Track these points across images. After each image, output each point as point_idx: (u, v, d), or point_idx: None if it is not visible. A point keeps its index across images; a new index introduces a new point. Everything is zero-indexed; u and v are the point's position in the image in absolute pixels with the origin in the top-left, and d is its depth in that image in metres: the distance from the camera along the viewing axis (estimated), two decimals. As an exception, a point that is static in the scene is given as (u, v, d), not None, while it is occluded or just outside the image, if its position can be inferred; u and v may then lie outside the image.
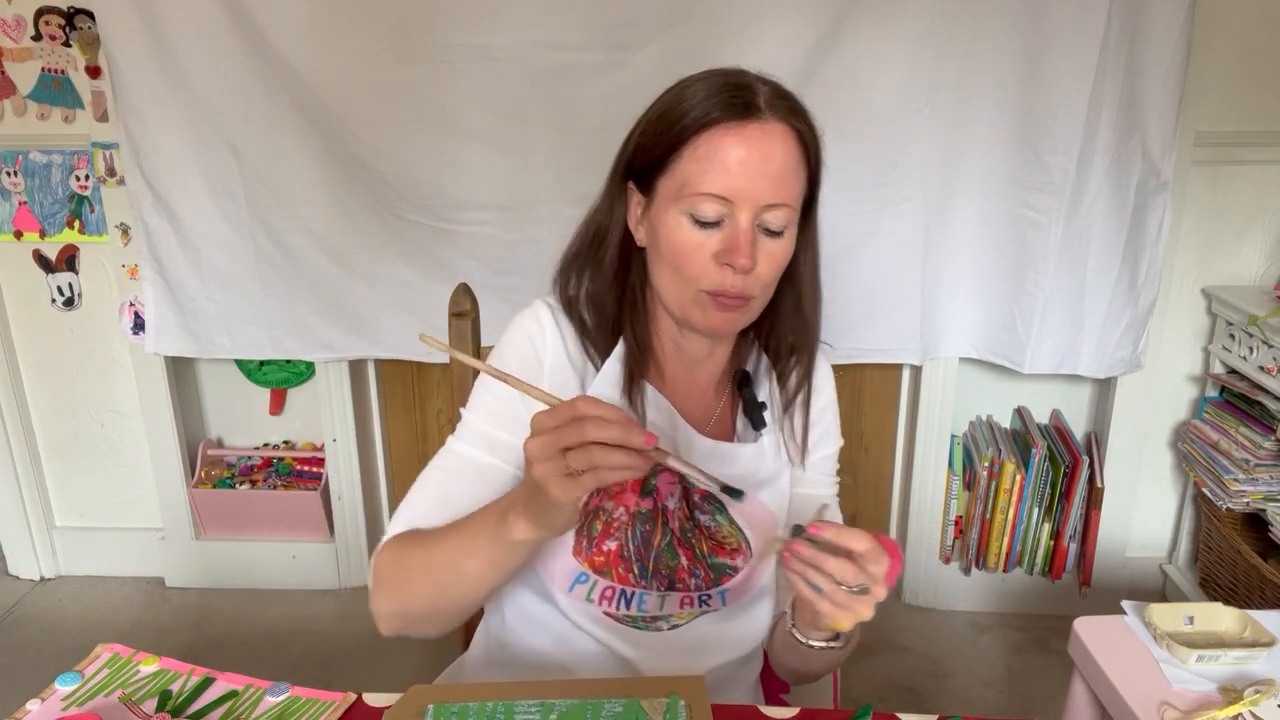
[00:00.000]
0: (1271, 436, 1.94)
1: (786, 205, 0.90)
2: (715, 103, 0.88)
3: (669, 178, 0.91)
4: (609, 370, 0.98)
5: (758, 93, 0.89)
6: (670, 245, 0.91)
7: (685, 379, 1.03)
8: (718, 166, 0.87)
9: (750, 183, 0.87)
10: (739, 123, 0.87)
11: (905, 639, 2.25)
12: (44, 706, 0.89)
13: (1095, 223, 1.97)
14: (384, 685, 0.96)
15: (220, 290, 2.14)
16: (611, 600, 0.97)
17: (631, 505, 0.97)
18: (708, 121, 0.88)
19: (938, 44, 1.88)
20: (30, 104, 2.14)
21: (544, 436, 0.73)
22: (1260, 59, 2.01)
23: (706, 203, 0.88)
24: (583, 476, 0.72)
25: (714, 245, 0.90)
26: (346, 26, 1.91)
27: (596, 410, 0.72)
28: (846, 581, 0.78)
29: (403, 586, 0.93)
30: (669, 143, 0.90)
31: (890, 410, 2.39)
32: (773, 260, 0.92)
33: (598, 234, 0.98)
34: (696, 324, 0.94)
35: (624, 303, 0.99)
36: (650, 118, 0.93)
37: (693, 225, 0.90)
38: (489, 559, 0.85)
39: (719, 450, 1.00)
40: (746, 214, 0.88)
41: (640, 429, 0.73)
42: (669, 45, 1.88)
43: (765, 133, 0.88)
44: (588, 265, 0.99)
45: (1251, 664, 1.01)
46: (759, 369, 1.07)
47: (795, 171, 0.91)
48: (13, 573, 2.51)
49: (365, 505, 2.40)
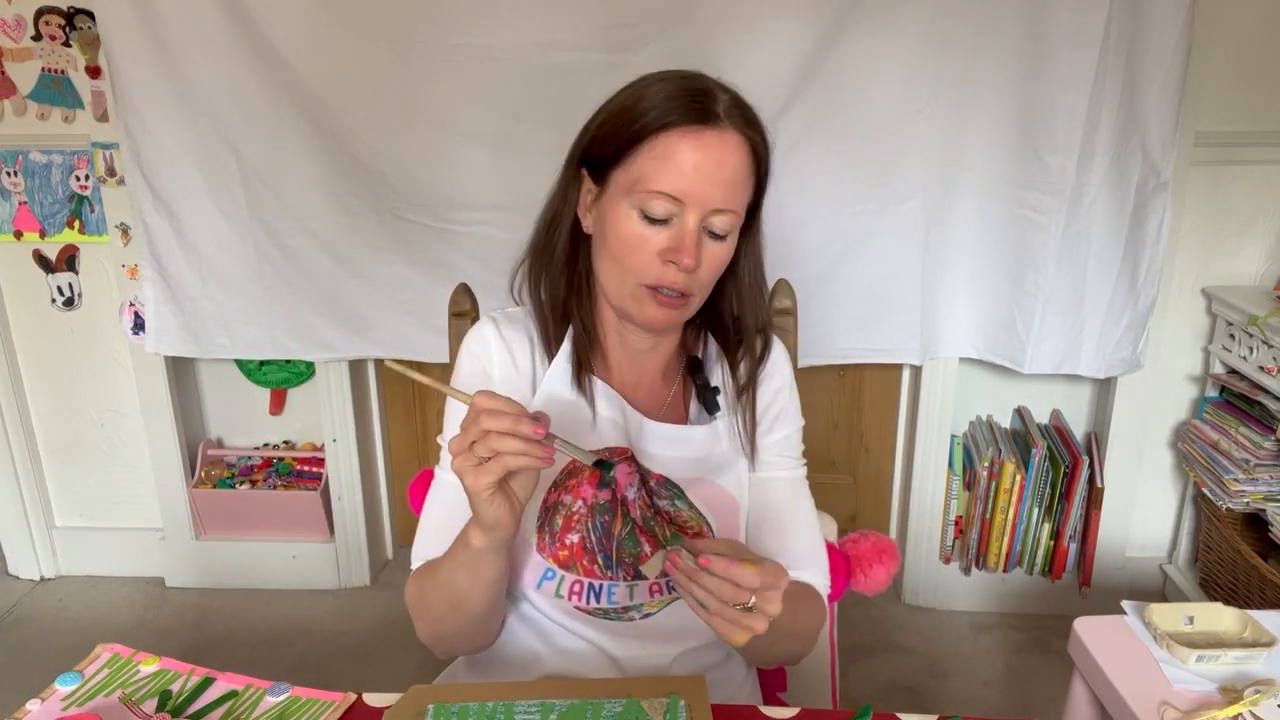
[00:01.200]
0: (1271, 436, 1.93)
1: (732, 211, 0.94)
2: (676, 105, 0.91)
3: (623, 171, 0.93)
4: (557, 367, 1.02)
5: (718, 100, 0.92)
6: (617, 237, 0.94)
7: (632, 368, 1.06)
8: (673, 167, 0.90)
9: (702, 186, 0.91)
10: (698, 128, 0.91)
11: (905, 639, 2.25)
12: (44, 706, 0.89)
13: (1095, 223, 1.97)
14: (384, 685, 0.97)
15: (220, 290, 2.14)
16: (581, 594, 0.99)
17: (589, 497, 0.99)
18: (668, 123, 0.91)
19: (937, 45, 1.88)
20: (30, 104, 2.14)
21: (459, 435, 0.80)
22: (1260, 59, 2.01)
23: (658, 201, 0.91)
24: (488, 463, 0.79)
25: (660, 242, 0.93)
26: (346, 26, 1.91)
27: (492, 404, 0.79)
28: (727, 601, 0.80)
29: (427, 614, 0.98)
30: (627, 138, 0.93)
31: (890, 410, 2.39)
32: (713, 261, 0.96)
33: (553, 220, 1.02)
34: (634, 317, 0.98)
35: (572, 288, 1.03)
36: (611, 109, 0.96)
37: (641, 220, 0.93)
38: (468, 571, 0.90)
39: (670, 433, 1.03)
40: (694, 215, 0.92)
41: (529, 420, 0.79)
42: (669, 45, 1.88)
43: (722, 140, 0.91)
44: (544, 252, 1.03)
45: (1251, 664, 1.01)
46: (710, 355, 1.09)
47: (745, 180, 0.95)
48: (13, 573, 2.51)
49: (365, 505, 2.40)
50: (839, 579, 1.14)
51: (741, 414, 1.05)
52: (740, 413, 1.05)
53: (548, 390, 1.01)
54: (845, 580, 1.17)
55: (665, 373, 1.08)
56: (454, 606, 0.95)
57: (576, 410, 1.01)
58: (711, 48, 1.88)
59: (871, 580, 1.17)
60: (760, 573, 0.79)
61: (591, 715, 0.83)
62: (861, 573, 1.17)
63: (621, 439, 1.01)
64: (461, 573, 0.91)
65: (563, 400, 1.01)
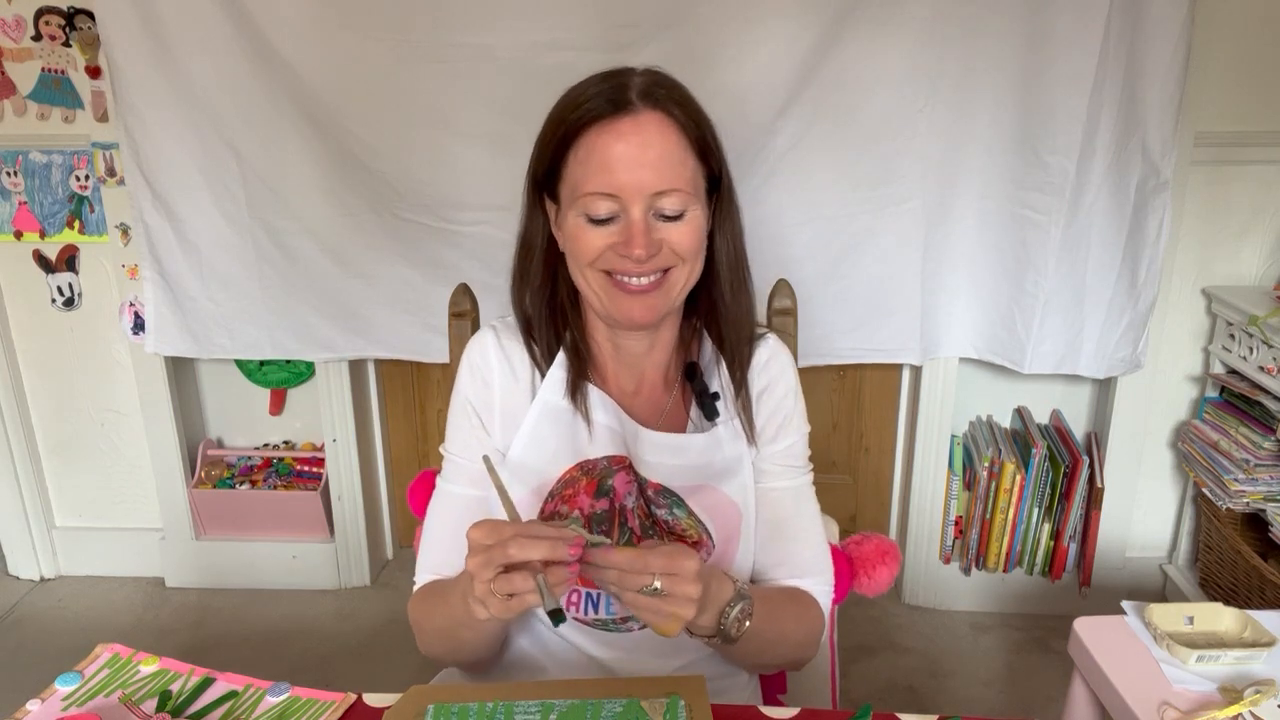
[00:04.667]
0: (1271, 436, 1.93)
1: (677, 190, 0.92)
2: (589, 102, 0.90)
3: (564, 183, 0.94)
4: (553, 378, 1.01)
5: (630, 86, 0.91)
6: (574, 246, 0.95)
7: (630, 376, 1.05)
8: (597, 164, 0.90)
9: (632, 175, 0.90)
10: (611, 119, 0.90)
11: (905, 639, 2.25)
12: (44, 706, 0.89)
13: (1095, 223, 1.97)
14: (384, 685, 0.97)
15: (220, 290, 2.14)
16: (579, 605, 0.99)
17: (586, 507, 0.98)
18: (585, 121, 0.90)
19: (938, 44, 1.88)
20: (30, 104, 2.14)
21: (479, 555, 0.79)
22: (1260, 59, 2.01)
23: (596, 201, 0.91)
24: (511, 602, 0.79)
25: (611, 239, 0.92)
26: (346, 26, 1.91)
27: (525, 531, 0.79)
28: (628, 587, 0.81)
29: (426, 642, 1.02)
30: (555, 149, 0.93)
31: (890, 410, 2.39)
32: (681, 237, 0.93)
33: (525, 246, 1.02)
34: (617, 318, 0.97)
35: (555, 309, 1.03)
36: (543, 127, 0.96)
37: (590, 224, 0.92)
38: (471, 629, 0.93)
39: (668, 443, 1.02)
40: (638, 206, 0.91)
41: (566, 543, 0.79)
42: (669, 45, 1.88)
43: (638, 124, 0.90)
44: (521, 277, 1.03)
45: (1251, 664, 1.01)
46: (709, 359, 1.08)
47: (680, 156, 0.92)
48: (13, 573, 2.51)
49: (365, 505, 2.40)
50: (842, 581, 1.14)
51: (740, 402, 1.04)
52: (739, 406, 1.04)
53: (544, 397, 1.01)
54: (849, 582, 1.17)
55: (665, 379, 1.07)
56: (454, 649, 0.99)
57: (573, 417, 1.01)
58: (711, 48, 1.88)
59: (875, 582, 1.17)
60: (639, 553, 0.80)
61: (591, 715, 0.83)
62: (865, 574, 1.17)
63: (619, 447, 1.00)
64: (464, 631, 0.94)
65: (559, 407, 1.01)
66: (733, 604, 0.90)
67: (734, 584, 0.91)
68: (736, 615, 0.90)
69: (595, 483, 0.98)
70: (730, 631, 0.90)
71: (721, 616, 0.89)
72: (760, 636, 0.93)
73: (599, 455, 1.00)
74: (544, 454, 1.00)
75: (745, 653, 0.97)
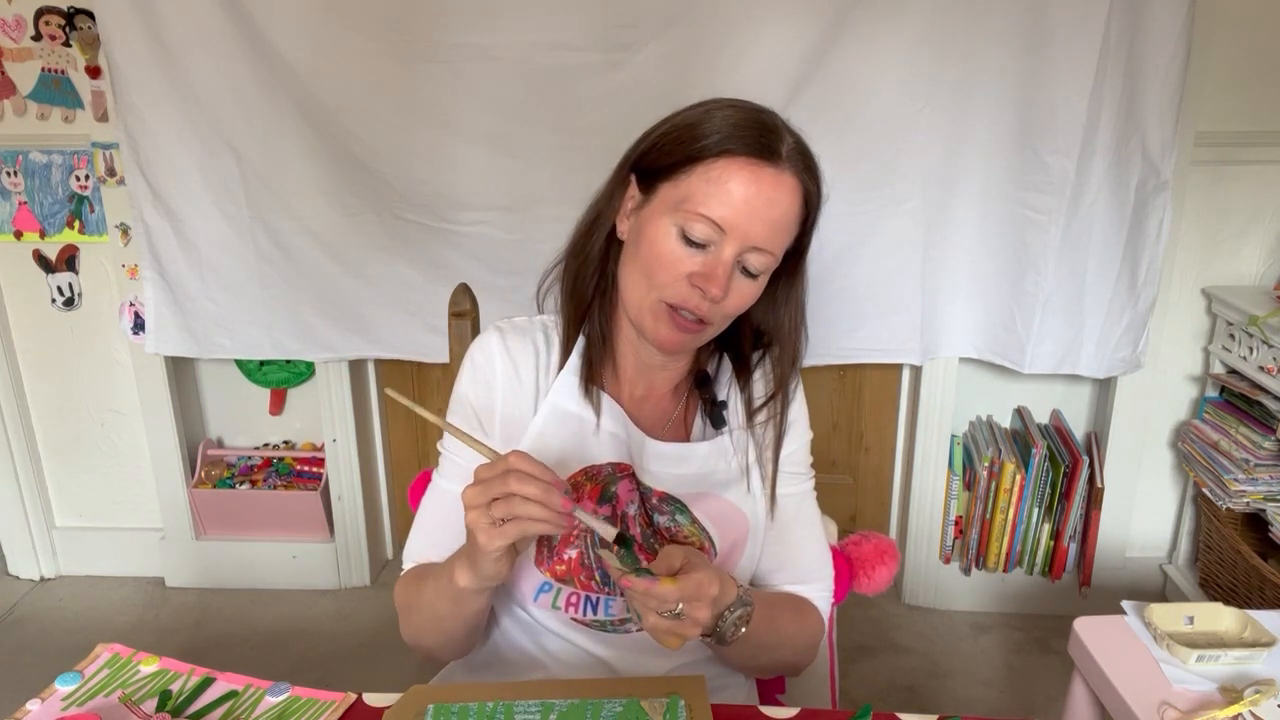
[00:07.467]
0: (1271, 436, 1.93)
1: (770, 253, 0.93)
2: (741, 134, 0.90)
3: (673, 187, 0.92)
4: (564, 382, 1.01)
5: (783, 140, 0.92)
6: (651, 249, 0.93)
7: (642, 381, 1.05)
8: (724, 194, 0.89)
9: (748, 221, 0.90)
10: (757, 162, 0.90)
11: (905, 639, 2.25)
12: (44, 706, 0.89)
13: (1095, 223, 1.97)
14: (384, 685, 0.97)
15: (220, 290, 2.14)
16: (578, 607, 0.99)
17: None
18: (728, 149, 0.89)
19: (937, 44, 1.88)
20: (30, 104, 2.14)
21: (476, 486, 0.81)
22: (1260, 59, 2.01)
23: (701, 224, 0.90)
24: (505, 526, 0.80)
25: (692, 265, 0.91)
26: (346, 27, 1.91)
27: (525, 466, 0.80)
28: (655, 610, 0.82)
29: (409, 623, 1.02)
30: (685, 155, 0.91)
31: (890, 410, 2.39)
32: (740, 297, 0.94)
33: (595, 221, 1.00)
34: (648, 333, 0.96)
35: (597, 290, 1.01)
36: (675, 123, 0.94)
37: (679, 240, 0.91)
38: (449, 602, 0.93)
39: (671, 452, 1.02)
40: (733, 248, 0.91)
41: (560, 491, 0.80)
42: (669, 45, 1.88)
43: (778, 180, 0.91)
44: (579, 253, 1.01)
45: (1251, 664, 1.01)
46: (720, 371, 1.08)
47: (791, 225, 0.94)
48: (13, 573, 2.51)
49: (365, 505, 2.40)
50: (842, 581, 1.14)
51: (758, 446, 1.03)
52: (755, 441, 1.04)
53: (553, 400, 1.01)
54: (848, 582, 1.17)
55: (675, 389, 1.07)
56: (434, 628, 0.99)
57: (580, 422, 1.00)
58: (711, 48, 1.88)
59: (874, 581, 1.17)
60: (680, 589, 0.81)
61: (591, 715, 0.83)
62: (864, 574, 1.17)
63: (623, 454, 1.00)
64: (443, 602, 0.93)
65: (567, 411, 1.01)
66: (733, 608, 0.90)
67: (738, 589, 0.91)
68: (735, 620, 0.90)
69: (599, 488, 0.98)
70: (726, 634, 0.90)
71: (719, 619, 0.89)
72: (757, 641, 0.93)
73: (602, 461, 1.00)
74: (549, 458, 1.00)
75: (741, 655, 0.98)
